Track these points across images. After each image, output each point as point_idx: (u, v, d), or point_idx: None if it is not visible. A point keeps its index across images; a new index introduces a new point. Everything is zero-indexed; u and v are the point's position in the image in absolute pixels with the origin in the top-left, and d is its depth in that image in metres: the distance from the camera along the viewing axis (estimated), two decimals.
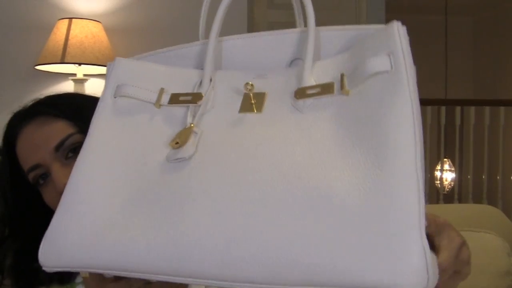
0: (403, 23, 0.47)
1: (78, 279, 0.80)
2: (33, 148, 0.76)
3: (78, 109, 0.78)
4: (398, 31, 0.46)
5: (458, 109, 4.05)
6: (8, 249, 0.81)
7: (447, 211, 1.06)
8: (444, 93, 4.81)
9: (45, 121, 0.77)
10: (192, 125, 0.49)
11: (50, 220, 0.79)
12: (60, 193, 0.71)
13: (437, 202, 4.22)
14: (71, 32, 2.20)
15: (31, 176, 0.76)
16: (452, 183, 4.16)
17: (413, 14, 5.30)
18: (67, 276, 0.79)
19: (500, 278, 0.89)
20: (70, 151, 0.75)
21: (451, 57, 4.97)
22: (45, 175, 0.76)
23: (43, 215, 0.78)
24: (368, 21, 3.37)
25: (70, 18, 2.25)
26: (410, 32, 0.46)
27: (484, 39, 5.44)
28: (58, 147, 0.75)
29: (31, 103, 0.82)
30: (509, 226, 0.99)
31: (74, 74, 2.29)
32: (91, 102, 0.81)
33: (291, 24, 0.57)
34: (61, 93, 0.86)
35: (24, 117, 0.79)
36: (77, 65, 2.24)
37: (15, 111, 0.83)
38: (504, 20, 5.15)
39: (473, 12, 5.44)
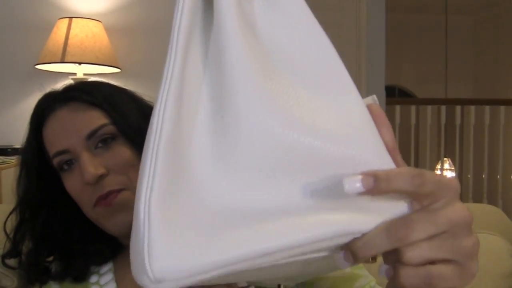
0: (403, 23, 0.46)
1: (93, 279, 0.78)
2: (64, 132, 0.75)
3: (111, 99, 0.77)
4: None
5: (458, 108, 4.05)
6: (26, 232, 0.79)
7: None
8: (444, 93, 4.81)
9: (79, 107, 0.76)
10: None
11: (69, 213, 0.79)
12: (86, 183, 0.71)
13: None
14: (71, 31, 2.20)
15: (56, 160, 0.75)
16: None
17: (413, 14, 5.30)
18: (82, 275, 0.77)
19: (504, 279, 0.90)
20: (101, 141, 0.74)
21: (451, 57, 4.97)
22: (71, 162, 0.75)
23: (61, 203, 0.79)
24: (368, 21, 3.37)
25: (70, 18, 2.25)
26: (410, 32, 0.45)
27: (484, 39, 5.44)
28: (90, 136, 0.74)
29: (63, 86, 0.81)
30: (509, 226, 0.99)
31: (74, 74, 2.29)
32: (119, 92, 0.81)
33: None
34: (91, 80, 0.86)
35: (57, 100, 0.77)
36: (77, 64, 2.24)
37: (45, 92, 0.81)
38: (504, 19, 5.15)
39: (473, 12, 5.44)
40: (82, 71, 2.29)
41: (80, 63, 2.23)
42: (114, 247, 0.80)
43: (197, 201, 0.37)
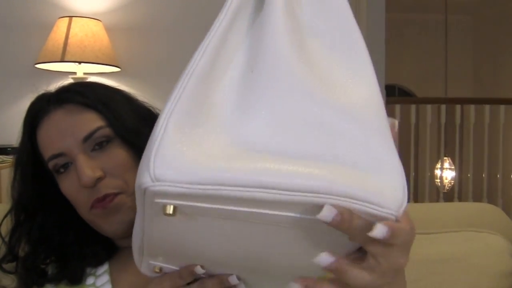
0: (403, 22, 0.48)
1: (89, 281, 0.78)
2: (60, 135, 0.74)
3: (106, 100, 0.76)
4: None
5: (458, 107, 4.05)
6: (23, 235, 0.79)
7: (447, 210, 1.06)
8: (444, 92, 4.82)
9: (74, 109, 0.75)
10: None
11: (64, 215, 0.78)
12: (83, 186, 0.71)
13: (437, 201, 4.22)
14: (71, 30, 2.20)
15: (52, 163, 0.74)
16: (452, 181, 4.17)
17: (414, 13, 5.30)
18: (78, 277, 0.77)
19: (504, 278, 0.90)
20: (97, 144, 0.74)
21: (451, 56, 4.97)
22: (67, 165, 0.74)
23: (56, 205, 0.78)
24: (368, 21, 3.37)
25: (70, 17, 2.25)
26: (410, 31, 0.46)
27: (484, 38, 5.44)
28: (86, 139, 0.73)
29: (56, 88, 0.80)
30: (509, 225, 0.99)
31: (74, 73, 2.29)
32: (114, 93, 0.80)
33: None
34: (85, 81, 0.85)
35: (51, 102, 0.76)
36: (77, 63, 2.24)
37: (39, 93, 0.80)
38: (504, 18, 5.14)
39: (473, 11, 5.44)
40: (82, 70, 2.29)
41: (80, 62, 2.22)
42: (110, 249, 0.80)
43: (211, 132, 0.42)
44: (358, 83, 0.45)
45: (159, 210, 0.40)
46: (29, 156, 0.77)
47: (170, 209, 0.40)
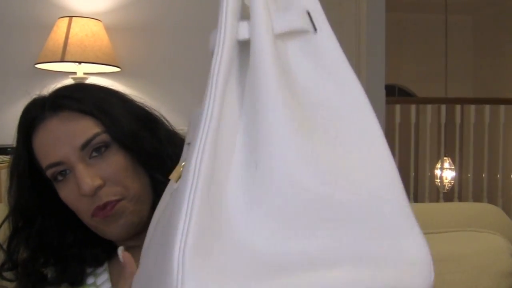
0: (403, 22, 0.46)
1: (89, 281, 0.78)
2: (57, 144, 0.73)
3: (101, 104, 0.75)
4: None
5: (458, 107, 4.05)
6: (21, 241, 0.78)
7: (447, 210, 1.06)
8: (444, 92, 4.81)
9: (70, 116, 0.74)
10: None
11: (63, 218, 0.77)
12: (83, 195, 0.70)
13: (437, 201, 4.22)
14: (71, 30, 2.20)
15: (50, 172, 0.74)
16: (452, 181, 4.17)
17: (413, 13, 5.30)
18: (79, 279, 0.77)
19: (504, 278, 0.90)
20: (95, 150, 0.73)
21: (451, 56, 4.96)
22: (65, 172, 0.73)
23: (55, 213, 0.78)
24: (368, 21, 3.37)
25: (70, 17, 2.25)
26: (410, 31, 0.45)
27: (484, 38, 5.44)
28: (83, 146, 0.72)
29: (50, 92, 0.78)
30: (509, 225, 0.99)
31: (74, 73, 2.29)
32: (109, 95, 0.79)
33: None
34: (79, 84, 0.83)
35: (45, 108, 0.75)
36: (77, 63, 2.24)
37: (34, 96, 0.78)
38: (504, 18, 5.15)
39: (473, 11, 5.44)
40: (82, 70, 2.29)
41: (80, 62, 2.23)
42: (109, 248, 0.80)
43: (231, 248, 0.37)
44: (371, 163, 0.41)
45: None
46: (25, 164, 0.76)
47: None
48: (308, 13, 0.43)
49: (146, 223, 0.74)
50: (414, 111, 3.96)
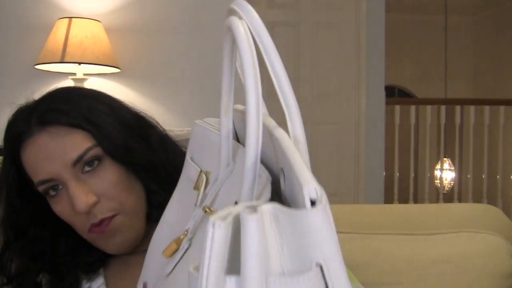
0: (403, 22, 0.46)
1: (85, 285, 0.77)
2: (47, 161, 0.70)
3: (89, 115, 0.72)
4: None
5: (457, 108, 4.05)
6: (13, 254, 0.76)
7: (447, 211, 1.06)
8: (444, 93, 4.82)
9: (59, 132, 0.70)
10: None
11: (56, 229, 0.75)
12: (78, 212, 0.68)
13: (437, 201, 4.22)
14: (71, 31, 2.20)
15: (41, 188, 0.71)
16: (452, 182, 4.17)
17: (413, 14, 5.30)
18: (74, 286, 0.76)
19: (504, 279, 0.90)
20: (87, 164, 0.70)
21: (451, 57, 4.97)
22: (57, 186, 0.71)
23: (48, 222, 0.76)
24: (368, 21, 3.37)
25: (70, 18, 2.25)
26: (410, 32, 0.45)
27: (484, 39, 5.44)
28: (76, 162, 0.69)
29: (35, 103, 0.75)
30: (509, 226, 0.99)
31: (74, 74, 2.29)
32: (97, 102, 0.76)
33: (291, 23, 0.56)
34: (65, 92, 0.77)
35: (32, 123, 0.71)
36: (77, 64, 2.24)
37: (20, 105, 0.76)
38: (504, 19, 5.15)
39: (473, 12, 5.44)
40: (81, 71, 2.29)
41: (79, 63, 2.23)
42: (103, 254, 0.78)
43: None
44: None
45: None
46: (13, 177, 0.74)
47: None
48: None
49: (143, 235, 0.74)
50: (414, 112, 3.96)
